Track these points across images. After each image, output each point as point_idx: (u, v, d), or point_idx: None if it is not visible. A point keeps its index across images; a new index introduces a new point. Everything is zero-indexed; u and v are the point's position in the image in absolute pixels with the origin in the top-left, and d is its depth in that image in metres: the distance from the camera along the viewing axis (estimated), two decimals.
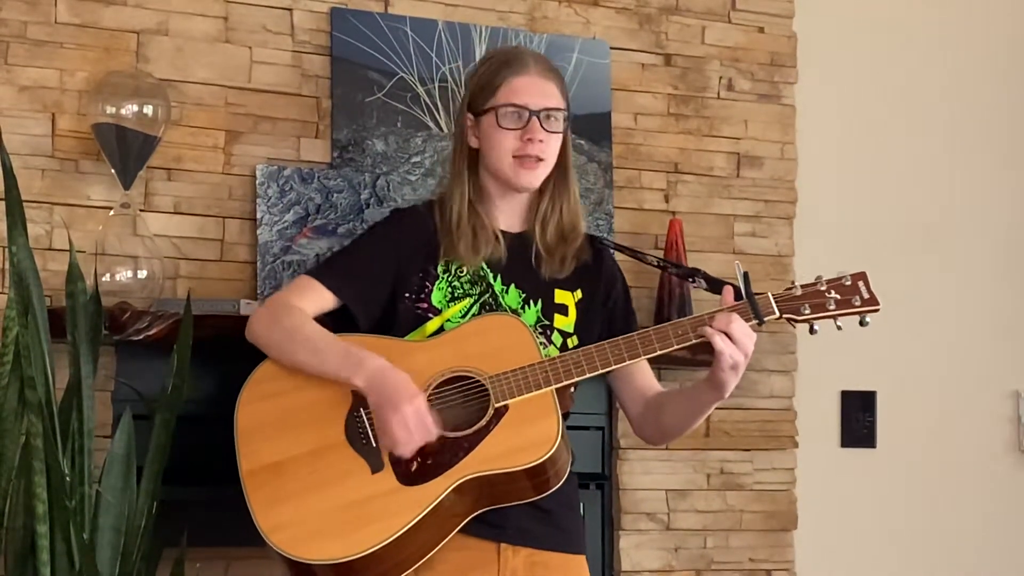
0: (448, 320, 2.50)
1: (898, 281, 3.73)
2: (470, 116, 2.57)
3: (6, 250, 2.70)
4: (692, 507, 3.45)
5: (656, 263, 2.80)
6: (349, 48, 3.21)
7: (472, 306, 2.52)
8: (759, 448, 3.53)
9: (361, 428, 2.39)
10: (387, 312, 2.52)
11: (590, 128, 3.42)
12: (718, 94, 3.59)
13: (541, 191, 2.59)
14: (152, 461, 2.68)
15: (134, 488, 2.68)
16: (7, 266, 2.71)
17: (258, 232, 3.07)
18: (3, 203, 2.67)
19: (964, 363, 3.82)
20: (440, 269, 2.53)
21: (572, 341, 2.54)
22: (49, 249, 2.93)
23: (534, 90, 2.53)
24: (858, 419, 3.74)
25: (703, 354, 2.47)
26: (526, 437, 2.35)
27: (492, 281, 2.54)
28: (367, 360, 2.38)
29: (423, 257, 2.54)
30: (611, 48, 3.48)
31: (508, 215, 2.60)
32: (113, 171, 2.93)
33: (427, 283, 2.52)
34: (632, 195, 3.47)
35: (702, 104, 3.57)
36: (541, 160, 2.52)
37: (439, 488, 2.33)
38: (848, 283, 2.44)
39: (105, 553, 2.63)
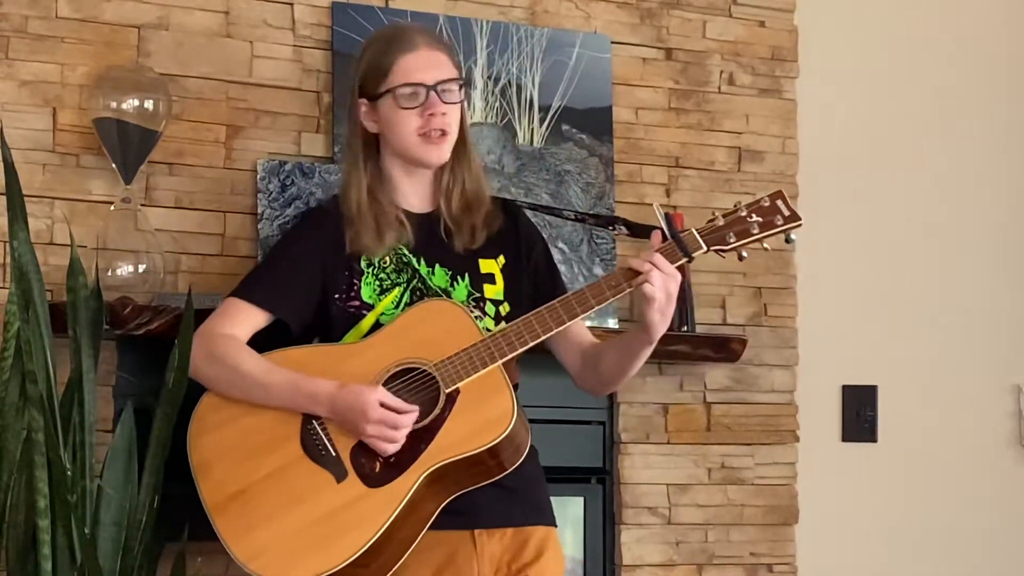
0: (382, 313, 2.48)
1: (899, 276, 3.76)
2: (364, 102, 2.56)
3: (7, 244, 2.70)
4: (693, 501, 3.45)
5: (574, 216, 2.81)
6: (350, 43, 3.20)
7: (403, 294, 2.51)
8: (760, 443, 3.53)
9: (318, 440, 2.38)
10: (320, 316, 2.52)
11: (591, 122, 3.41)
12: (719, 88, 3.59)
13: (442, 165, 2.58)
14: (153, 455, 2.67)
15: (135, 482, 2.67)
16: (8, 260, 2.71)
17: (259, 227, 3.07)
18: (4, 198, 2.67)
19: (965, 357, 3.82)
20: (363, 263, 2.52)
21: (504, 308, 2.53)
22: (50, 244, 2.92)
23: (426, 65, 2.51)
24: (859, 414, 3.74)
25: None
26: (482, 417, 2.36)
27: (417, 265, 2.53)
28: (317, 391, 2.37)
29: (344, 255, 2.52)
30: (612, 42, 3.47)
31: (415, 195, 2.59)
32: (114, 166, 2.93)
33: (354, 280, 2.51)
34: (633, 189, 3.46)
35: (703, 98, 3.57)
36: (446, 134, 2.52)
37: (407, 484, 2.33)
38: (767, 204, 2.44)
39: (106, 547, 2.62)
